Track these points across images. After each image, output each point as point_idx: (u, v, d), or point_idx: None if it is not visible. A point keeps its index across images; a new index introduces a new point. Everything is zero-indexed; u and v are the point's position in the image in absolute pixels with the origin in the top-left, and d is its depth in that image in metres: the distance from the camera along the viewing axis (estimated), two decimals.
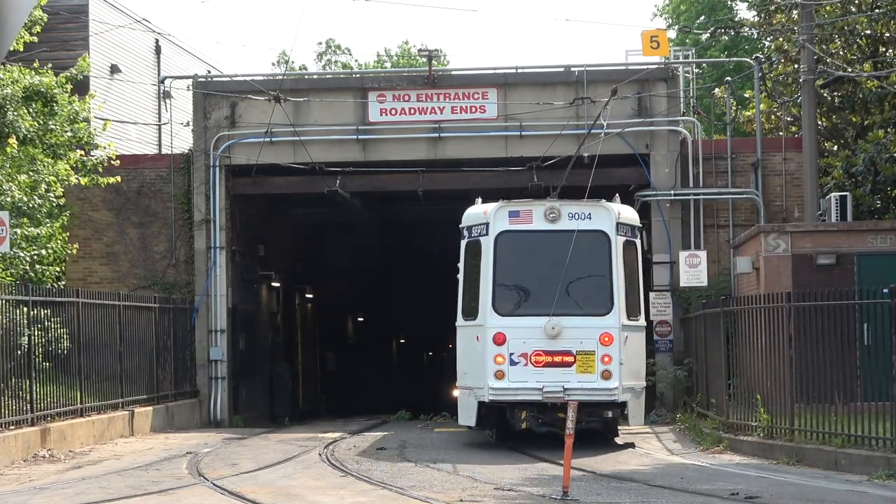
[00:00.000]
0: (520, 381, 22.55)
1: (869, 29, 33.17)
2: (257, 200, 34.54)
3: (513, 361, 22.61)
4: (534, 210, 23.24)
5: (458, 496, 16.60)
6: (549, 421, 23.02)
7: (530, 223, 23.21)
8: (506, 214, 23.27)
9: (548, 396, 22.37)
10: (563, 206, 23.19)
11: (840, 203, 28.46)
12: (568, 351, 22.53)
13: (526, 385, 22.51)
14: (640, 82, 31.49)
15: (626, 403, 22.90)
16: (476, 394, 23.04)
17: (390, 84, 32.53)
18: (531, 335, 22.59)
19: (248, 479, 18.97)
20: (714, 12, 51.82)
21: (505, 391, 22.60)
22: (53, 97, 27.18)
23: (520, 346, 22.60)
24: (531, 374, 22.53)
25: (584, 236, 22.84)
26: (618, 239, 23.12)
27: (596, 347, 22.52)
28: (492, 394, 22.64)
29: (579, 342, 22.54)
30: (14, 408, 22.20)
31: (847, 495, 16.27)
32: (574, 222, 23.00)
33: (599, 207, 23.24)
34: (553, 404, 22.45)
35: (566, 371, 22.48)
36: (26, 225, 25.69)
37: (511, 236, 23.22)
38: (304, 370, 42.15)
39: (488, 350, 22.66)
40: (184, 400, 30.69)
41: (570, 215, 23.10)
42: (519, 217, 23.32)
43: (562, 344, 22.51)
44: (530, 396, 22.58)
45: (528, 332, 22.61)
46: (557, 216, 23.08)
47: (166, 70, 37.98)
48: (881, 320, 19.04)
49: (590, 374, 22.46)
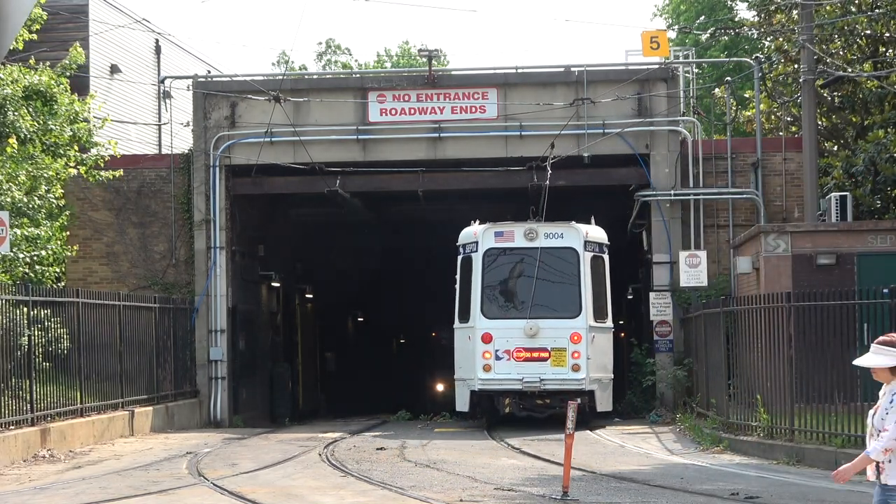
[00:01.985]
0: (504, 374, 27.02)
1: (869, 29, 33.16)
2: (257, 200, 34.53)
3: (498, 357, 27.04)
4: (515, 231, 27.77)
5: (458, 496, 16.61)
6: (528, 406, 27.67)
7: (512, 241, 27.76)
8: (492, 234, 27.85)
9: (527, 386, 26.94)
10: (539, 227, 27.57)
11: (840, 203, 28.45)
12: (544, 348, 27.01)
13: (509, 376, 26.99)
14: (640, 82, 31.49)
15: (593, 392, 27.15)
16: (468, 384, 27.47)
17: (390, 84, 32.52)
18: (513, 335, 27.06)
19: (248, 479, 18.97)
20: (714, 12, 51.81)
21: (492, 381, 27.10)
22: (53, 96, 27.17)
23: (504, 343, 27.04)
24: (513, 367, 26.99)
25: (557, 252, 27.62)
26: (586, 254, 27.69)
27: (567, 345, 26.96)
28: (481, 384, 27.14)
29: (553, 340, 27.00)
30: (14, 408, 22.20)
31: (847, 495, 16.27)
32: (549, 240, 27.59)
33: (570, 228, 27.79)
34: (532, 392, 27.09)
35: (542, 364, 26.95)
36: (26, 225, 25.69)
37: (496, 252, 27.84)
38: (304, 370, 42.13)
39: (477, 347, 27.11)
40: (184, 400, 30.68)
41: (546, 235, 27.63)
42: (503, 236, 27.85)
43: (539, 342, 27.00)
44: (512, 386, 27.12)
45: (511, 332, 27.07)
46: (535, 235, 27.55)
47: (166, 70, 37.97)
48: (881, 320, 19.03)
49: (562, 367, 26.93)
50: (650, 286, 31.65)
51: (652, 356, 31.12)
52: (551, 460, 20.82)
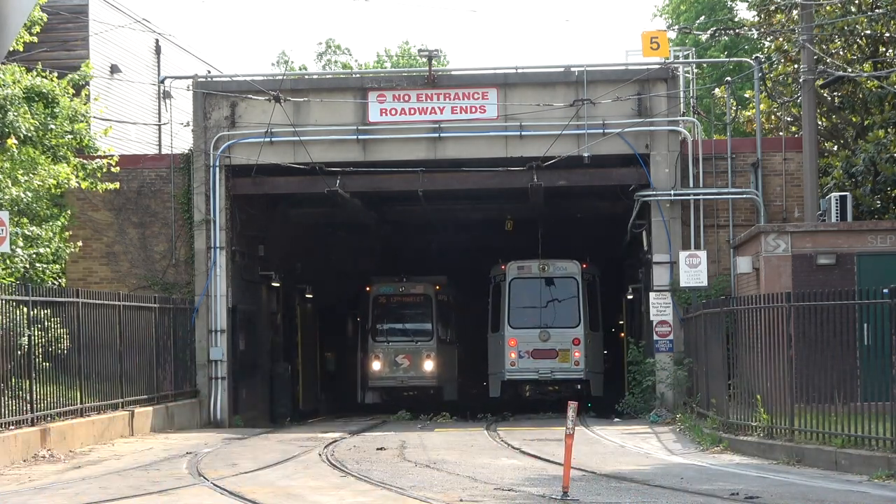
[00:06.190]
0: (524, 368, 37.02)
1: (869, 29, 33.14)
2: (257, 200, 34.53)
3: (520, 355, 36.97)
4: (532, 265, 37.84)
5: (458, 496, 16.60)
6: (542, 392, 38.18)
7: (531, 272, 37.74)
8: (515, 268, 37.78)
9: (541, 376, 37.20)
10: (549, 263, 37.74)
11: (840, 203, 28.44)
12: (553, 349, 37.00)
13: (528, 369, 37.04)
14: (640, 82, 31.49)
15: (589, 381, 37.22)
16: (499, 376, 37.58)
17: (390, 84, 32.51)
18: (531, 339, 37.04)
19: (248, 479, 18.97)
20: (714, 12, 51.81)
21: (516, 372, 37.20)
22: (55, 99, 27.16)
23: (524, 346, 37.01)
24: (531, 363, 37.01)
25: (562, 280, 37.75)
26: (583, 282, 37.73)
27: (570, 347, 36.96)
28: (508, 375, 37.28)
29: (560, 343, 36.97)
30: (14, 408, 22.19)
31: (847, 495, 16.26)
32: (556, 272, 37.69)
33: (571, 263, 37.87)
34: (544, 381, 37.44)
35: (552, 361, 36.95)
36: (26, 224, 25.68)
37: (519, 280, 37.72)
38: (304, 370, 42.11)
39: (506, 349, 37.16)
40: (184, 400, 30.68)
41: (554, 268, 37.76)
42: (523, 269, 37.81)
43: (549, 345, 37.00)
44: (531, 376, 37.27)
45: (530, 337, 37.06)
46: (546, 268, 37.74)
47: (166, 70, 37.96)
48: (881, 320, 19.02)
49: (566, 363, 36.89)
50: (650, 286, 31.65)
51: (652, 356, 31.12)
52: (551, 460, 20.82)
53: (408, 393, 41.53)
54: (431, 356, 41.16)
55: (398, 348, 41.29)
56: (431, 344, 41.30)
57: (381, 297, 42.02)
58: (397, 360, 41.10)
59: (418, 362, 41.11)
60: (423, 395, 41.40)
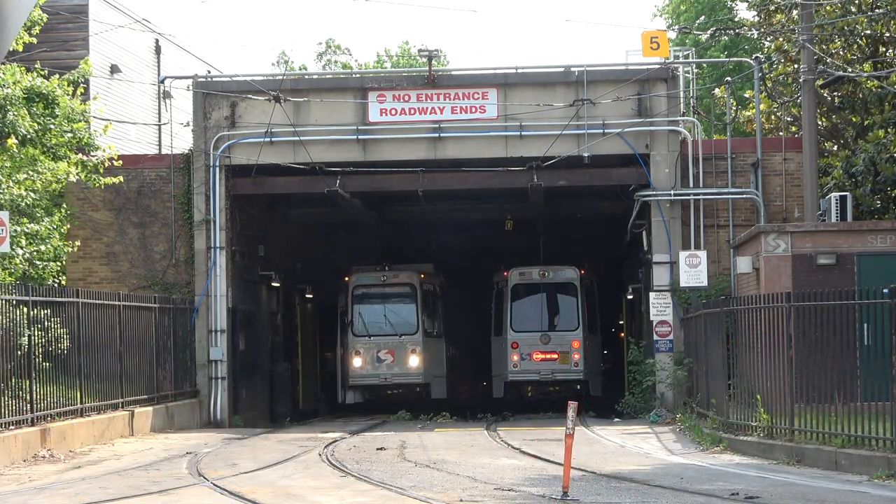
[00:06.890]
0: (526, 369, 38.10)
1: (869, 29, 33.14)
2: (257, 200, 34.53)
3: (522, 357, 37.99)
4: (534, 272, 38.86)
5: (458, 496, 16.60)
6: (543, 392, 39.33)
7: (532, 278, 38.74)
8: (517, 274, 38.70)
9: (543, 377, 38.38)
10: (550, 269, 38.86)
11: (840, 203, 28.44)
12: (554, 351, 38.05)
13: (530, 370, 38.15)
14: (640, 82, 31.49)
15: (587, 381, 38.47)
16: (502, 377, 38.61)
17: (390, 84, 32.51)
18: (533, 341, 38.10)
19: (247, 479, 18.97)
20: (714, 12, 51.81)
21: (518, 373, 38.27)
22: (55, 99, 27.15)
23: (526, 348, 38.02)
24: (533, 364, 38.10)
25: (561, 286, 38.83)
26: (581, 287, 38.70)
27: (570, 349, 38.05)
28: (511, 376, 38.34)
29: (560, 346, 38.06)
30: (14, 408, 22.18)
31: (847, 495, 16.26)
32: (556, 278, 38.73)
33: (570, 269, 38.91)
34: (546, 381, 38.62)
35: (553, 362, 38.11)
36: (25, 223, 25.67)
37: (520, 285, 38.77)
38: (304, 370, 42.09)
39: (509, 351, 38.13)
40: (184, 400, 30.68)
41: (554, 273, 38.78)
42: (524, 275, 38.78)
43: (550, 347, 38.07)
44: (532, 377, 38.44)
45: (531, 340, 38.10)
46: (546, 274, 38.76)
47: (166, 70, 37.95)
48: (881, 320, 19.01)
49: (566, 364, 38.01)
50: (650, 286, 31.64)
51: (652, 356, 31.12)
52: (551, 460, 20.82)
53: (392, 391, 39.27)
54: (416, 351, 38.33)
55: (380, 343, 38.54)
56: (416, 338, 38.49)
57: (362, 287, 39.10)
58: (380, 355, 38.34)
59: (402, 357, 38.30)
60: (408, 392, 38.85)
